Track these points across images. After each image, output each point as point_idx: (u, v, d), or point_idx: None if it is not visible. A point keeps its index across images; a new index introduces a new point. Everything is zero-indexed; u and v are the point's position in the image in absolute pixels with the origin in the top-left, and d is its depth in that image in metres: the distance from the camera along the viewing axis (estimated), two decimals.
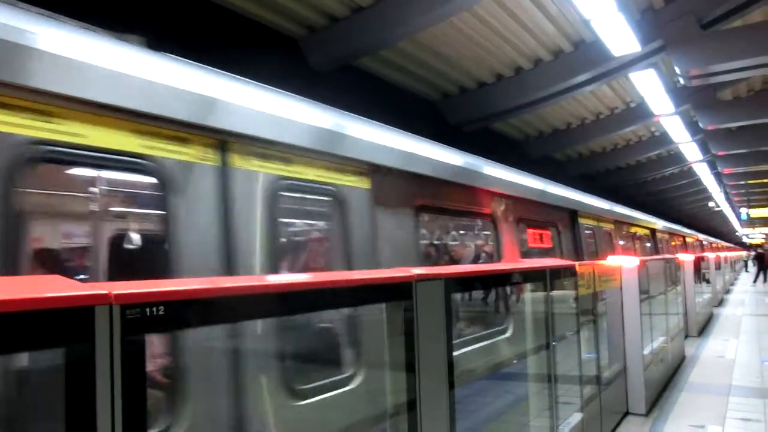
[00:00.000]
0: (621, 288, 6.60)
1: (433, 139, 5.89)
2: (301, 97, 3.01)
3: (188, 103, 2.22)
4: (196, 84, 2.31)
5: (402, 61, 8.33)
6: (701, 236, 25.95)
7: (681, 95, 10.64)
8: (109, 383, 1.08)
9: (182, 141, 2.23)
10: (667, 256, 11.02)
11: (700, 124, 11.39)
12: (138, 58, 2.18)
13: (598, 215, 8.20)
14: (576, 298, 4.33)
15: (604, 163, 15.75)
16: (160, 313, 1.27)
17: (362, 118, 3.50)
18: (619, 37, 7.31)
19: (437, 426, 2.38)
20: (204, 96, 2.30)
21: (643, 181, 19.48)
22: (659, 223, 14.57)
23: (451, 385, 2.50)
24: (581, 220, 7.26)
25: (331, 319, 2.99)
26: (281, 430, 2.34)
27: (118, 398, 1.10)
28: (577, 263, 4.25)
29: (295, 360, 2.74)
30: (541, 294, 3.64)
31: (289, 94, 2.92)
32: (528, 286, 3.85)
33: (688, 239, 18.03)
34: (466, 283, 2.85)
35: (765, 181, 21.00)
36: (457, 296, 5.31)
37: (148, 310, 1.24)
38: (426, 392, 2.29)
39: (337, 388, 2.62)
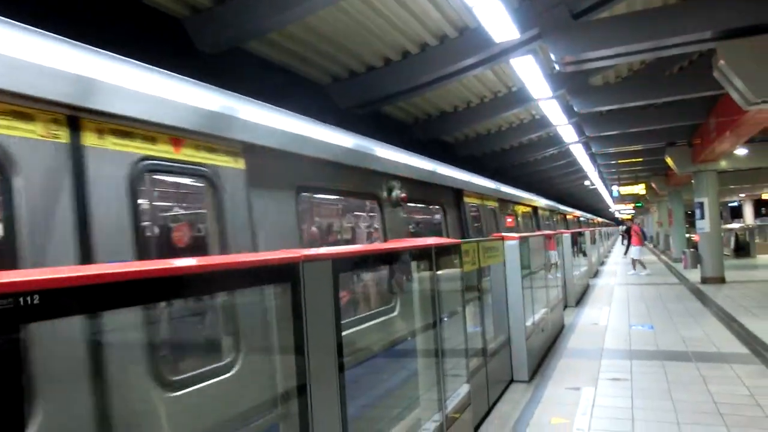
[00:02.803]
0: (504, 263, 6.93)
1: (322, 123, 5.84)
2: (173, 74, 2.85)
3: (32, 75, 2.04)
4: (44, 56, 2.12)
5: (292, 45, 8.18)
6: (578, 213, 27.83)
7: (557, 80, 11.27)
8: None
9: (24, 117, 2.05)
10: (547, 232, 11.69)
11: (575, 108, 12.15)
12: None
13: (482, 194, 8.38)
14: (461, 275, 4.51)
15: (490, 145, 16.40)
16: (35, 302, 1.20)
17: (238, 95, 3.38)
18: (499, 24, 7.59)
19: (328, 408, 2.40)
20: (51, 68, 2.12)
21: (526, 161, 20.52)
22: (541, 201, 15.40)
23: (341, 367, 2.53)
24: (466, 199, 7.30)
25: (212, 303, 2.90)
26: (152, 424, 2.25)
27: None
28: (461, 241, 4.41)
29: (170, 349, 2.64)
30: (427, 272, 3.75)
31: (159, 70, 2.76)
32: (415, 265, 3.95)
33: (567, 216, 19.20)
34: (353, 263, 2.88)
35: (632, 160, 22.81)
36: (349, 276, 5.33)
37: (21, 299, 1.17)
38: (316, 375, 2.30)
39: (216, 376, 2.56)
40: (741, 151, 15.67)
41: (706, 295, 13.88)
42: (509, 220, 10.96)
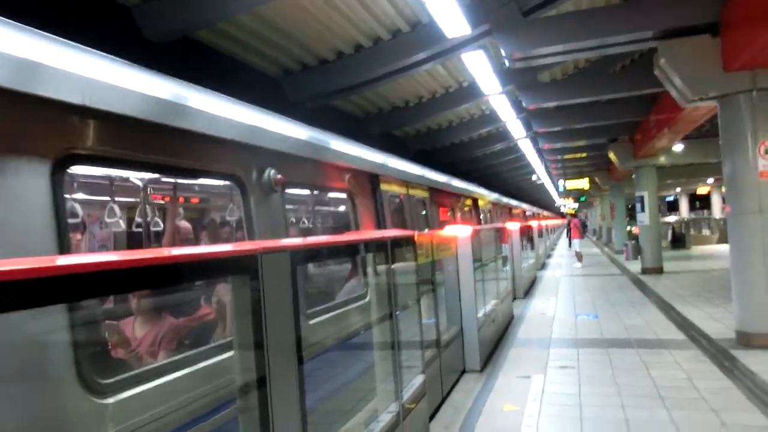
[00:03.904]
0: (456, 256, 7.04)
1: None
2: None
3: None
4: None
5: (243, 36, 8.05)
6: (525, 206, 28.43)
7: (507, 76, 11.49)
8: None
9: None
10: (497, 225, 11.94)
11: (523, 104, 12.42)
12: None
13: (408, 182, 7.32)
14: (416, 267, 4.57)
15: (441, 139, 16.59)
16: None
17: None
18: (451, 19, 7.68)
19: (287, 400, 2.39)
20: None
21: (477, 156, 20.85)
22: (483, 193, 14.69)
23: (300, 360, 2.53)
24: (385, 187, 6.18)
25: (164, 300, 2.83)
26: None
27: None
28: (415, 234, 4.47)
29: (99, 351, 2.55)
30: (383, 264, 3.79)
31: None
32: (371, 257, 3.98)
33: (514, 210, 19.56)
34: (311, 255, 2.88)
35: (577, 156, 23.53)
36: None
37: None
38: (275, 368, 2.29)
39: (178, 371, 2.52)
40: (678, 147, 16.38)
41: (646, 284, 14.46)
42: (444, 212, 9.89)
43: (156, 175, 3.54)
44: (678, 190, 49.16)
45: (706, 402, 5.49)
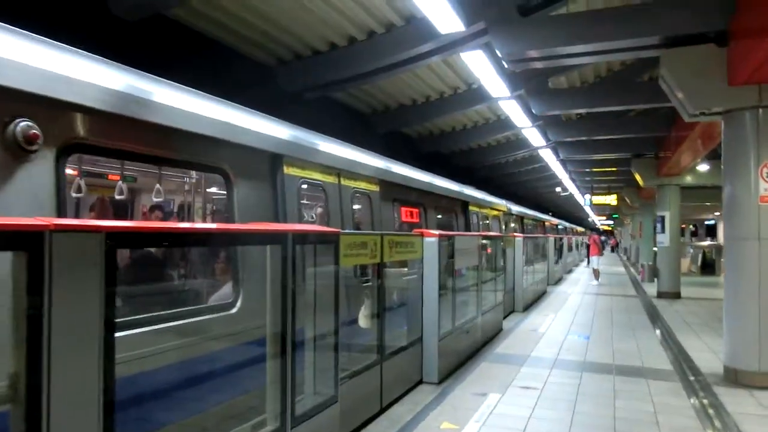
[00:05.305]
0: (422, 260, 6.70)
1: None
2: None
3: None
4: None
5: (230, 22, 7.89)
6: (545, 217, 27.33)
7: (516, 80, 11.05)
8: None
9: None
10: (490, 233, 11.46)
11: (533, 110, 11.93)
12: None
13: (339, 169, 5.89)
14: (336, 271, 4.17)
15: (456, 142, 16.19)
16: None
17: None
18: (442, 15, 7.36)
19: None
20: None
21: (496, 163, 20.34)
22: (477, 196, 12.53)
23: (109, 372, 2.19)
24: (292, 171, 4.83)
25: None
26: None
27: None
28: (339, 231, 4.12)
29: None
30: (279, 263, 3.41)
31: None
32: (250, 256, 3.55)
33: (525, 220, 18.79)
34: (143, 241, 2.56)
35: (605, 170, 22.70)
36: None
37: None
38: (60, 375, 1.99)
39: None
40: (703, 167, 15.56)
41: (657, 309, 13.77)
42: (410, 214, 8.30)
43: None
44: (717, 213, 47.29)
45: None
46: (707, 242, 31.95)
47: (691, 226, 41.90)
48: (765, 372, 6.69)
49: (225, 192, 4.11)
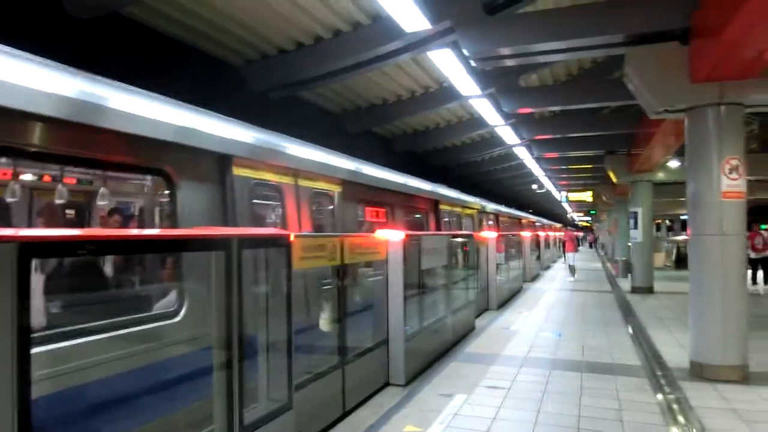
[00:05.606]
0: (387, 261, 6.64)
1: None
2: None
3: None
4: None
5: (189, 20, 7.74)
6: (518, 214, 27.38)
7: (486, 79, 11.03)
8: None
9: None
10: (459, 232, 11.43)
11: (503, 108, 11.93)
12: None
13: (296, 170, 5.71)
14: (288, 274, 4.04)
15: (430, 141, 16.16)
16: None
17: None
18: (407, 13, 7.29)
19: None
20: None
21: (472, 161, 20.35)
22: (448, 194, 12.32)
23: (24, 394, 2.07)
24: (241, 172, 4.66)
25: None
26: None
27: None
28: (291, 233, 4.03)
29: None
30: (223, 268, 3.31)
31: None
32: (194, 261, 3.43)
33: (500, 217, 18.81)
34: (63, 251, 2.44)
35: (580, 166, 22.84)
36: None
37: None
38: None
39: None
40: (674, 163, 15.71)
41: (630, 304, 13.87)
42: (375, 214, 8.24)
43: None
44: None
45: None
46: (682, 237, 32.31)
47: (667, 221, 42.46)
48: (728, 365, 6.76)
49: (168, 195, 3.94)
